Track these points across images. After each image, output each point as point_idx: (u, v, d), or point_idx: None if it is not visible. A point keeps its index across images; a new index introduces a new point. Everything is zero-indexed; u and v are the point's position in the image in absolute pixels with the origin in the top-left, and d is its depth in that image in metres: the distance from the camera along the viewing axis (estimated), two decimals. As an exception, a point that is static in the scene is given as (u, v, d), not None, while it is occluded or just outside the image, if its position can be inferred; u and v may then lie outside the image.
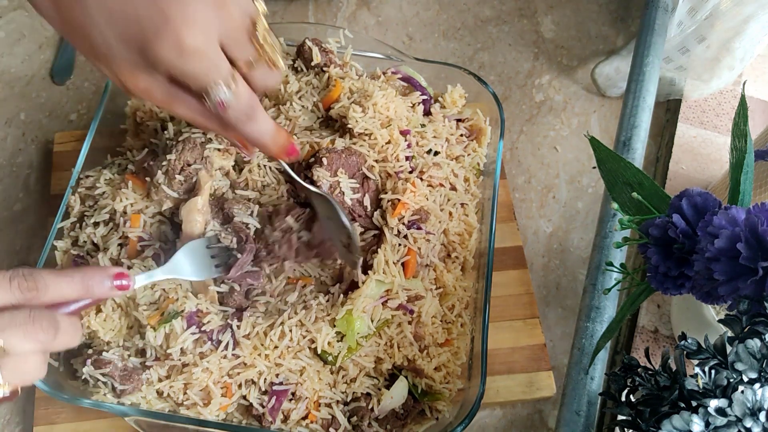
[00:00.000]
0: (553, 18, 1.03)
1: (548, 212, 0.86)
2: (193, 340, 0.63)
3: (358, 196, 0.69)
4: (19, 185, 0.85)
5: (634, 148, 0.72)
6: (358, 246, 0.65)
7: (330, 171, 0.67)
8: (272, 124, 0.55)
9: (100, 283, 0.48)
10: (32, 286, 0.44)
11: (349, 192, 0.68)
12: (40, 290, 0.45)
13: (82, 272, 0.47)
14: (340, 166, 0.68)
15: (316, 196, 0.65)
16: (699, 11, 0.82)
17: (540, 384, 0.72)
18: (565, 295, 0.80)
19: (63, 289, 0.46)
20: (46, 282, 0.45)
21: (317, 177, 0.66)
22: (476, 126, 0.80)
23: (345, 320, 0.63)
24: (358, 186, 0.69)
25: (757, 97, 0.93)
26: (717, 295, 0.47)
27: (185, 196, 0.67)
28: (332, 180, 0.67)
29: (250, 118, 0.52)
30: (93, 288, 0.48)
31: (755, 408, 0.43)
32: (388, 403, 0.64)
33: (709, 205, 0.50)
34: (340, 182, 0.68)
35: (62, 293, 0.46)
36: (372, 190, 0.70)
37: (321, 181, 0.67)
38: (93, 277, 0.48)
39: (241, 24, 0.48)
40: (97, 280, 0.48)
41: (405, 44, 0.99)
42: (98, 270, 0.48)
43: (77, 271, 0.47)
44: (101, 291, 0.48)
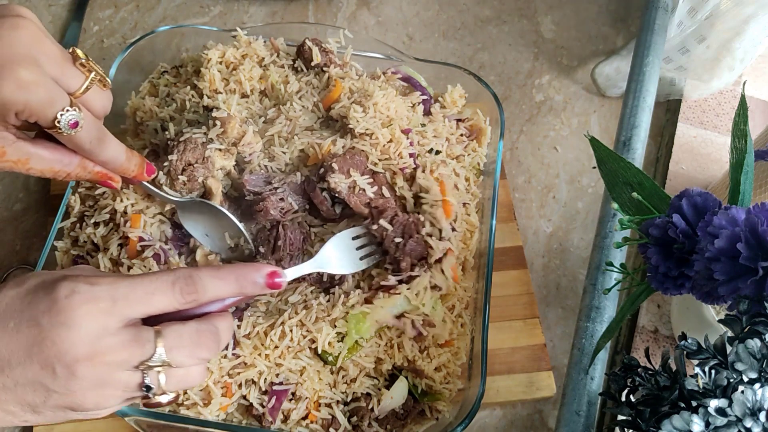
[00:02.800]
0: (553, 18, 1.03)
1: (548, 212, 0.86)
2: None
3: (375, 189, 0.69)
4: (19, 185, 0.85)
5: (634, 148, 0.72)
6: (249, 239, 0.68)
7: (343, 173, 0.68)
8: (123, 146, 0.59)
9: (254, 282, 0.48)
10: (193, 290, 0.46)
11: (368, 187, 0.69)
12: (199, 293, 0.46)
13: (237, 271, 0.48)
14: (350, 166, 0.68)
15: (191, 205, 0.67)
16: (699, 11, 0.82)
17: (540, 384, 0.72)
18: (565, 295, 0.80)
19: (219, 290, 0.47)
20: (205, 285, 0.46)
21: (335, 183, 0.67)
22: (476, 126, 0.80)
23: (355, 319, 0.64)
24: (372, 180, 0.70)
25: (757, 97, 0.93)
26: (717, 295, 0.47)
27: (187, 196, 0.68)
28: (349, 181, 0.68)
29: (102, 141, 0.55)
30: (247, 287, 0.48)
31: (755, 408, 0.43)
32: (388, 403, 0.64)
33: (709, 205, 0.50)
34: (356, 181, 0.68)
35: (218, 294, 0.47)
36: (384, 183, 0.70)
37: (339, 185, 0.67)
38: (247, 276, 0.48)
39: (62, 55, 0.51)
40: (251, 279, 0.48)
41: (405, 44, 0.99)
42: (251, 268, 0.49)
43: (232, 270, 0.48)
44: (254, 290, 0.49)
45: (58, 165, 0.55)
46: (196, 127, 0.70)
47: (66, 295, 0.42)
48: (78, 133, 0.52)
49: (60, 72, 0.50)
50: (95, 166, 0.58)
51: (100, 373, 0.42)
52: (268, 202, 0.67)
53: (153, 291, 0.44)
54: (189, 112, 0.74)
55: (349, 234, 0.66)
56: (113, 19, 1.00)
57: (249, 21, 1.00)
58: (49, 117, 0.50)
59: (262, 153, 0.72)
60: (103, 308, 0.43)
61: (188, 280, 0.45)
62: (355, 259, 0.66)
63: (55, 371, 0.42)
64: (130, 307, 0.44)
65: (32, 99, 0.48)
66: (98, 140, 0.55)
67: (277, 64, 0.79)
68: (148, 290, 0.44)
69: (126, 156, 0.59)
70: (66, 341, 0.41)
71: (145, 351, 0.44)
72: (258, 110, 0.75)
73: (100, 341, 0.42)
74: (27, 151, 0.52)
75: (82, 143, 0.53)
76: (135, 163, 0.61)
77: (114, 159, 0.58)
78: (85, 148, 0.54)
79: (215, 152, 0.69)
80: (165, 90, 0.78)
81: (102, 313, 0.43)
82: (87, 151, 0.55)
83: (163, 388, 0.45)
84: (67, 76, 0.51)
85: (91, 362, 0.42)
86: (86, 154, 0.55)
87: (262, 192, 0.68)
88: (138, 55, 0.79)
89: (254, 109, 0.75)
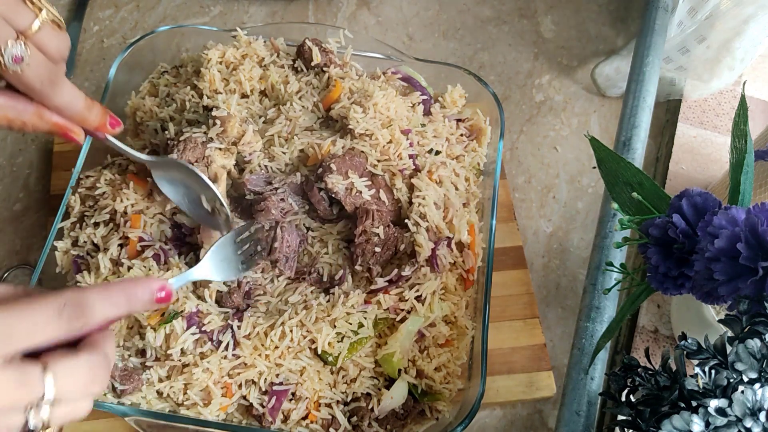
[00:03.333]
0: (553, 18, 1.03)
1: (548, 212, 0.86)
2: (193, 340, 0.63)
3: (373, 192, 0.69)
4: (19, 185, 0.85)
5: (634, 148, 0.72)
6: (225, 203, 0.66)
7: (341, 174, 0.68)
8: (82, 95, 0.55)
9: (142, 299, 0.46)
10: (81, 316, 0.41)
11: (365, 189, 0.69)
12: (88, 318, 0.42)
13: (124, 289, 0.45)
14: (348, 167, 0.68)
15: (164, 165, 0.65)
16: (699, 11, 0.82)
17: (540, 384, 0.72)
18: (565, 295, 0.80)
19: (109, 312, 0.44)
20: (94, 309, 0.42)
21: (332, 183, 0.67)
22: (476, 126, 0.80)
23: (385, 361, 0.65)
24: (370, 183, 0.70)
25: (757, 97, 0.93)
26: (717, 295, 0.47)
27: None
28: (346, 182, 0.68)
29: (54, 83, 0.51)
30: (136, 305, 0.45)
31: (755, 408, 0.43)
32: (388, 403, 0.64)
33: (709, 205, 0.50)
34: (353, 182, 0.68)
35: (107, 316, 0.44)
36: (382, 186, 0.70)
37: (336, 186, 0.67)
38: (135, 293, 0.45)
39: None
40: (139, 296, 0.45)
41: (405, 44, 0.99)
42: (139, 285, 0.46)
43: (119, 288, 0.44)
44: (143, 307, 0.46)
45: (12, 112, 0.51)
46: (196, 127, 0.70)
47: None
48: (24, 70, 0.48)
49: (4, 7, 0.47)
50: (53, 116, 0.53)
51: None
52: (270, 202, 0.67)
53: (36, 323, 0.39)
54: (189, 112, 0.74)
55: (230, 239, 0.64)
56: (113, 19, 1.00)
57: (249, 21, 1.00)
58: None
59: (262, 153, 0.72)
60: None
61: (76, 307, 0.41)
62: (236, 266, 0.65)
63: None
64: (9, 345, 0.38)
65: None
66: (50, 82, 0.51)
67: (277, 64, 0.79)
68: (30, 323, 0.39)
69: (85, 104, 0.55)
70: None
71: (32, 392, 0.39)
72: (258, 110, 0.75)
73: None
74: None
75: (32, 83, 0.49)
76: (96, 113, 0.56)
77: (70, 104, 0.53)
78: (35, 89, 0.50)
79: (215, 151, 0.69)
80: (165, 90, 0.78)
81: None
82: (38, 92, 0.51)
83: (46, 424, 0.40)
84: (14, 13, 0.48)
85: None
86: (38, 96, 0.51)
87: (263, 192, 0.68)
88: (138, 55, 0.79)
89: (254, 109, 0.75)
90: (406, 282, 0.67)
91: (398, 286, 0.67)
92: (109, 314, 0.43)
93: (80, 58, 0.96)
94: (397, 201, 0.71)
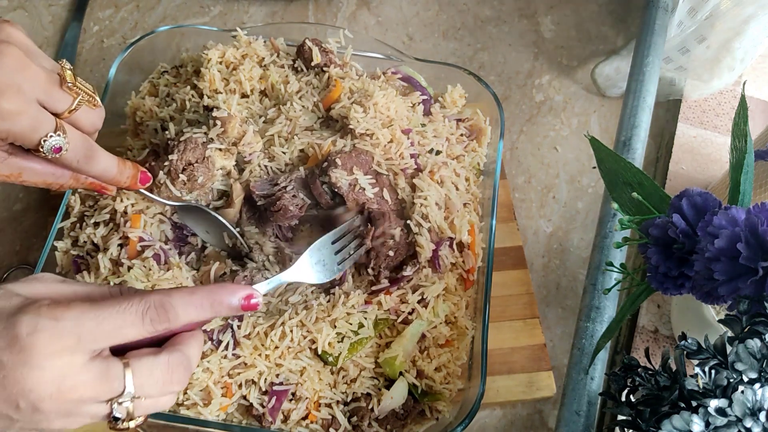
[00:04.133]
0: (553, 18, 1.03)
1: (548, 212, 0.86)
2: None
3: (377, 191, 0.69)
4: (18, 185, 0.85)
5: (634, 148, 0.72)
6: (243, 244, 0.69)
7: (346, 170, 0.68)
8: (114, 159, 0.60)
9: (229, 305, 0.47)
10: (165, 319, 0.44)
11: (368, 187, 0.69)
12: (171, 322, 0.44)
13: (212, 296, 0.46)
14: (354, 164, 0.68)
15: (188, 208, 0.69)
16: (699, 11, 0.82)
17: (540, 384, 0.72)
18: (565, 295, 0.80)
19: (192, 316, 0.45)
20: (177, 312, 0.44)
21: (335, 178, 0.67)
22: (476, 126, 0.80)
23: (388, 364, 0.65)
24: (375, 181, 0.70)
25: (757, 97, 0.93)
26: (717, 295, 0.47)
27: (189, 196, 0.68)
28: (350, 178, 0.68)
29: (90, 158, 0.56)
30: (222, 311, 0.47)
31: (755, 408, 0.43)
32: (388, 403, 0.64)
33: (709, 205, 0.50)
34: (357, 179, 0.68)
35: (191, 319, 0.45)
36: (386, 185, 0.70)
37: (340, 181, 0.67)
38: (222, 300, 0.46)
39: (48, 79, 0.51)
40: (226, 303, 0.47)
41: (405, 44, 0.99)
42: (226, 292, 0.47)
43: (206, 294, 0.46)
44: (229, 312, 0.47)
45: (50, 178, 0.56)
46: (197, 127, 0.70)
47: (28, 333, 0.40)
48: (63, 155, 0.53)
49: (45, 96, 0.51)
50: (87, 178, 0.59)
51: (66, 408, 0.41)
52: (285, 200, 0.67)
53: (121, 325, 0.42)
54: (189, 112, 0.74)
55: (328, 239, 0.65)
56: (113, 19, 1.00)
57: (249, 21, 1.00)
58: (34, 142, 0.51)
59: (262, 153, 0.72)
60: (68, 346, 0.41)
61: (160, 309, 0.44)
62: (333, 266, 0.64)
63: (18, 406, 0.40)
64: (96, 343, 0.42)
65: (15, 128, 0.49)
66: (86, 158, 0.56)
67: (277, 64, 0.79)
68: (116, 325, 0.42)
69: (118, 169, 0.60)
70: (29, 381, 0.40)
71: (113, 388, 0.42)
72: (258, 110, 0.75)
73: (65, 380, 0.41)
74: (19, 165, 0.54)
75: (69, 163, 0.55)
76: (127, 175, 0.62)
77: (104, 173, 0.59)
78: (72, 167, 0.56)
79: (215, 152, 0.69)
80: (165, 90, 0.78)
81: (67, 351, 0.41)
82: (75, 168, 0.56)
83: (131, 415, 0.44)
84: (54, 99, 0.52)
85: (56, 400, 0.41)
86: (75, 171, 0.57)
87: (273, 193, 0.68)
88: (138, 55, 0.79)
89: (254, 109, 0.75)
90: (407, 282, 0.67)
91: (399, 286, 0.67)
92: (193, 317, 0.45)
93: (80, 58, 0.96)
94: (401, 201, 0.71)
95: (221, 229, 0.69)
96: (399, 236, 0.68)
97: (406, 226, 0.69)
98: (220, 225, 0.69)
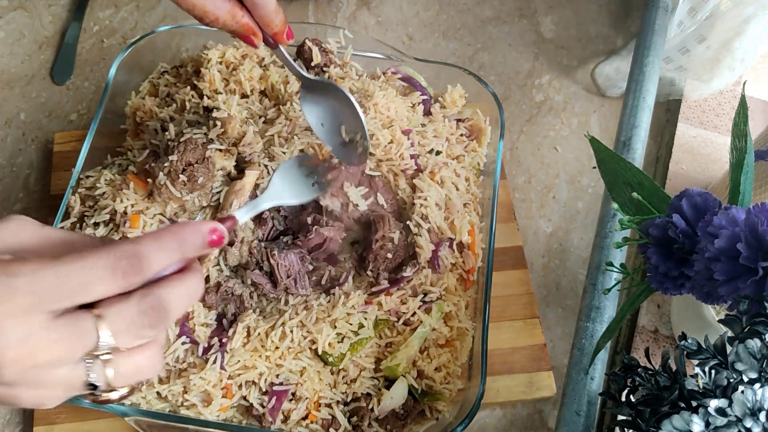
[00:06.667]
0: (553, 18, 1.03)
1: (548, 212, 0.86)
2: (184, 350, 0.63)
3: (371, 200, 0.70)
4: (19, 185, 0.85)
5: (634, 148, 0.72)
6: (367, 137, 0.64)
7: (337, 195, 0.68)
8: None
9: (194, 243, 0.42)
10: (138, 270, 0.39)
11: (361, 202, 0.69)
12: (144, 272, 0.39)
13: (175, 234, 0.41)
14: (344, 179, 0.68)
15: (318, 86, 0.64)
16: (699, 11, 0.82)
17: (540, 384, 0.72)
18: (565, 295, 0.80)
19: (163, 261, 0.41)
20: (150, 261, 0.39)
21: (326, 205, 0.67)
22: (476, 126, 0.80)
23: (390, 370, 0.65)
24: (368, 190, 0.70)
25: (757, 97, 0.93)
26: (717, 295, 0.47)
27: (189, 197, 0.68)
28: (342, 200, 0.68)
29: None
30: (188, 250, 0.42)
31: (755, 408, 0.43)
32: (388, 403, 0.64)
33: (709, 205, 0.50)
34: (349, 195, 0.68)
35: (163, 266, 0.41)
36: (380, 187, 0.70)
37: (332, 205, 0.68)
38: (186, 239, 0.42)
39: None
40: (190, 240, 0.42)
41: (405, 44, 0.99)
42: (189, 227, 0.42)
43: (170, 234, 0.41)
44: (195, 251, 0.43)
45: (210, 5, 0.55)
46: (197, 128, 0.70)
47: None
48: None
49: None
50: (244, 17, 0.57)
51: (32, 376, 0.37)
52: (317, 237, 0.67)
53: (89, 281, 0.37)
54: (189, 113, 0.74)
55: (295, 162, 0.63)
56: (113, 19, 1.00)
57: (249, 21, 1.00)
58: None
59: (263, 153, 0.72)
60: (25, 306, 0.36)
61: (133, 260, 0.39)
62: (308, 186, 0.63)
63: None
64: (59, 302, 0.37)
65: None
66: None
67: (277, 64, 0.79)
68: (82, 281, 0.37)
69: (275, 6, 0.59)
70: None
71: (86, 343, 0.37)
72: (258, 110, 0.75)
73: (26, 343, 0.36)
74: None
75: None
76: (280, 19, 0.60)
77: (266, 5, 0.57)
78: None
79: (215, 152, 0.69)
80: (165, 90, 0.78)
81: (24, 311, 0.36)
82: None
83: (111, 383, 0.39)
84: None
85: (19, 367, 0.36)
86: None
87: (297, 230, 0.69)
88: (138, 55, 0.79)
89: (254, 109, 0.75)
90: (407, 283, 0.67)
91: (399, 287, 0.67)
92: (164, 263, 0.41)
93: (80, 58, 0.96)
94: (401, 201, 0.71)
95: (343, 121, 0.64)
96: (398, 239, 0.67)
97: (406, 228, 0.69)
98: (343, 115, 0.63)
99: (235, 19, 0.57)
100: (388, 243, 0.67)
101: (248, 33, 0.59)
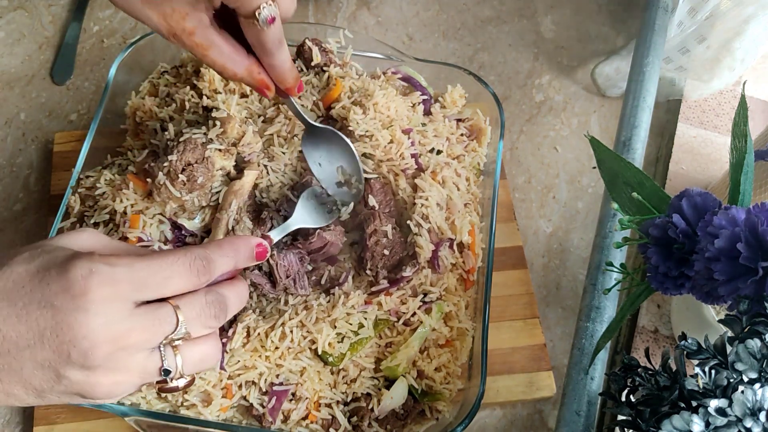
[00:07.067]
0: (553, 18, 1.03)
1: (548, 212, 0.86)
2: None
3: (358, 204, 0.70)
4: (19, 185, 0.85)
5: (634, 148, 0.72)
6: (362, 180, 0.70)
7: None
8: (290, 56, 0.60)
9: (245, 254, 0.50)
10: (207, 270, 0.46)
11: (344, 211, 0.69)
12: (211, 273, 0.46)
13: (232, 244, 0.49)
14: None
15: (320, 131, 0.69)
16: (699, 11, 0.82)
17: (540, 384, 0.72)
18: (565, 295, 0.80)
19: (225, 266, 0.48)
20: (216, 264, 0.47)
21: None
22: (476, 126, 0.80)
23: (390, 371, 0.65)
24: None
25: (757, 97, 0.93)
26: (717, 295, 0.47)
27: (188, 197, 0.68)
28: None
29: (281, 43, 0.56)
30: (240, 260, 0.50)
31: (755, 408, 0.43)
32: (388, 403, 0.64)
33: (709, 205, 0.50)
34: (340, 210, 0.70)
35: (223, 270, 0.48)
36: (376, 188, 0.70)
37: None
38: (239, 249, 0.50)
39: None
40: (242, 252, 0.50)
41: (405, 44, 0.99)
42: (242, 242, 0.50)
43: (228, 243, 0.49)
44: (245, 261, 0.51)
45: (230, 63, 0.57)
46: (196, 128, 0.70)
47: (83, 276, 0.40)
48: (270, 29, 0.53)
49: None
50: (260, 74, 0.59)
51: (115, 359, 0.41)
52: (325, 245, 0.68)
53: (171, 275, 0.44)
54: (189, 113, 0.74)
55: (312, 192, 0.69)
56: (113, 19, 1.00)
57: (249, 21, 1.00)
58: (252, 7, 0.51)
59: (262, 153, 0.72)
60: (122, 292, 0.41)
61: (205, 261, 0.46)
62: (324, 213, 0.69)
63: (70, 356, 0.40)
64: (147, 292, 0.43)
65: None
66: (279, 42, 0.56)
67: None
68: (166, 275, 0.44)
69: (291, 65, 0.60)
70: (84, 326, 0.39)
71: (167, 328, 0.43)
72: (257, 110, 0.75)
73: (119, 325, 0.41)
74: (212, 39, 0.55)
75: (268, 41, 0.55)
76: (294, 76, 0.61)
77: (283, 63, 0.59)
78: (267, 47, 0.56)
79: (215, 152, 0.69)
80: (165, 90, 0.78)
81: (120, 297, 0.41)
82: (268, 51, 0.56)
83: (180, 371, 0.45)
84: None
85: (110, 347, 0.40)
86: (264, 53, 0.57)
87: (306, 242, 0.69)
88: (138, 55, 0.79)
89: (254, 108, 0.75)
90: (407, 283, 0.67)
91: (399, 287, 0.67)
92: (225, 268, 0.48)
93: (80, 58, 0.96)
94: (402, 201, 0.71)
95: (338, 163, 0.70)
96: (391, 233, 0.67)
97: (398, 225, 0.69)
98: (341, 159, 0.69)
99: (251, 75, 0.59)
100: (383, 238, 0.67)
101: (263, 87, 0.61)
